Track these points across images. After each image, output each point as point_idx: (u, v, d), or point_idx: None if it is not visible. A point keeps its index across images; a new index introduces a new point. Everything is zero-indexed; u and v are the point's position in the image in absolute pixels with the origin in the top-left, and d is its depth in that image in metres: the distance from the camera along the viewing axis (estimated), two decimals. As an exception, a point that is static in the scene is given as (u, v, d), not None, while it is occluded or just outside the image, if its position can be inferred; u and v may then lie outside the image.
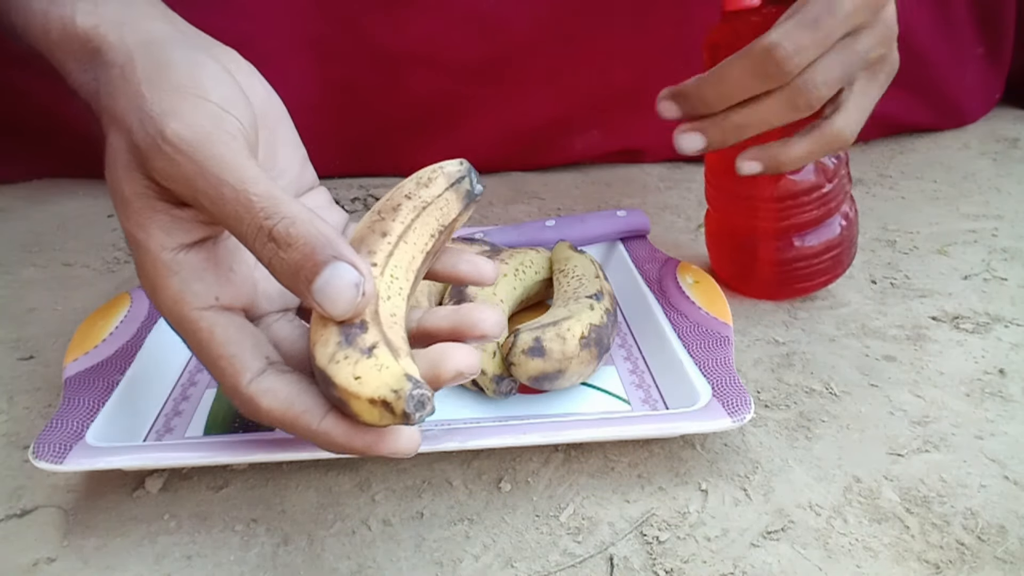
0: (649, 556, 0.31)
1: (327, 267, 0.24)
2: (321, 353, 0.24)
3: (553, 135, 0.76)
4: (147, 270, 0.27)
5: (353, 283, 0.24)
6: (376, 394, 0.23)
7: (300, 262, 0.24)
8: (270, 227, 0.24)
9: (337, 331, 0.25)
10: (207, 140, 0.25)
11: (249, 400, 0.26)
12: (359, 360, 0.24)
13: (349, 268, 0.24)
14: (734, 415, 0.34)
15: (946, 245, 0.59)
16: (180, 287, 0.26)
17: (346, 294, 0.24)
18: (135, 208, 0.26)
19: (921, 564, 0.31)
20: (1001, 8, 0.83)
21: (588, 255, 0.47)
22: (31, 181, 0.74)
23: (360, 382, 0.23)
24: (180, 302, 0.26)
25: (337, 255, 0.24)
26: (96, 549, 0.32)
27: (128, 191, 0.26)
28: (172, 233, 0.26)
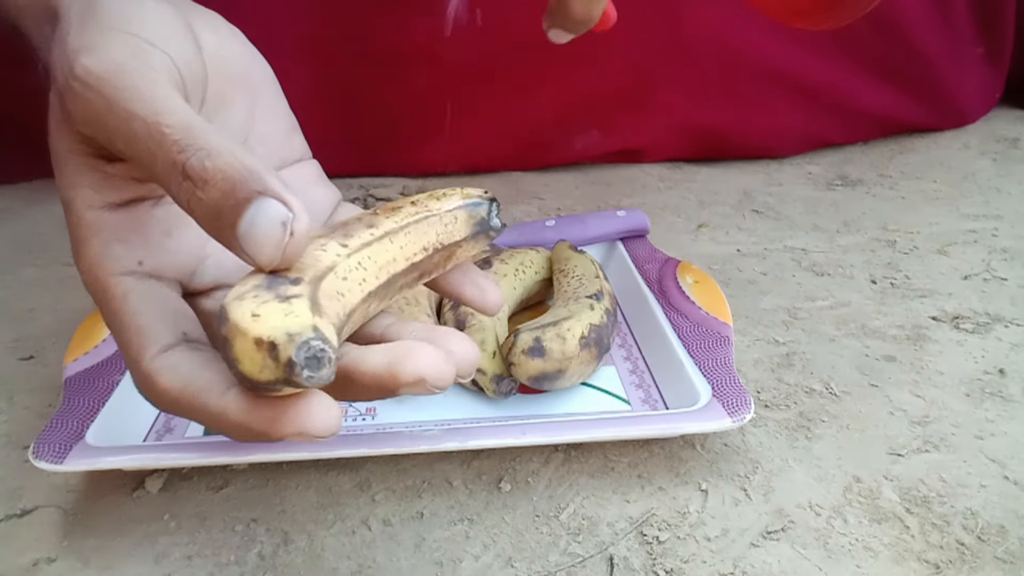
0: (649, 556, 0.31)
1: (251, 204, 0.19)
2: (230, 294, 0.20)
3: (553, 135, 0.76)
4: (71, 230, 0.24)
5: (279, 220, 0.19)
6: (265, 334, 0.18)
7: (220, 201, 0.20)
8: (183, 161, 0.20)
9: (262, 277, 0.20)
10: (118, 72, 0.22)
11: (146, 377, 0.22)
12: (268, 301, 0.19)
13: (276, 203, 0.20)
14: (734, 415, 0.34)
15: (946, 245, 0.60)
16: (100, 248, 0.24)
17: (271, 233, 0.19)
18: (67, 166, 0.24)
19: (921, 564, 0.31)
20: (1001, 8, 0.83)
21: (588, 255, 0.47)
22: (31, 181, 0.74)
23: (255, 320, 0.19)
24: (97, 264, 0.24)
25: (262, 189, 0.20)
26: (96, 549, 0.32)
27: (61, 147, 0.24)
28: (101, 191, 0.24)
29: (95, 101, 0.21)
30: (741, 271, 0.56)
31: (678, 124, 0.77)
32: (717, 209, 0.68)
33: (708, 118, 0.77)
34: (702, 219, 0.66)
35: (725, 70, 0.75)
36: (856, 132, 0.83)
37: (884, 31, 0.77)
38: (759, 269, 0.56)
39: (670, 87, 0.75)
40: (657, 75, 0.74)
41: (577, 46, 0.73)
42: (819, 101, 0.78)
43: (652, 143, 0.78)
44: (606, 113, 0.75)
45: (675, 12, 0.72)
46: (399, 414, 0.39)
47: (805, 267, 0.56)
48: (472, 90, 0.72)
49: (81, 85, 0.22)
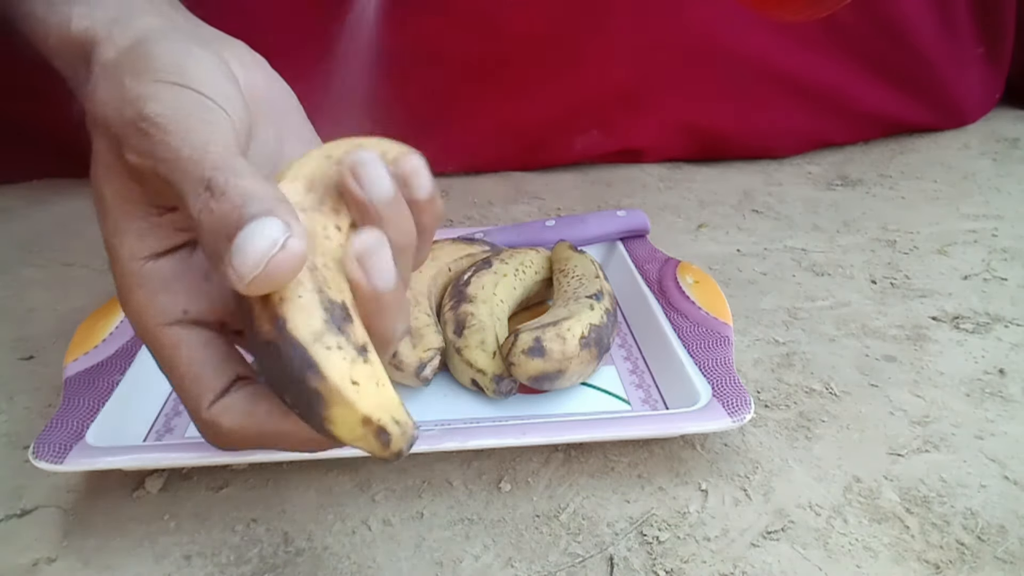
0: (649, 556, 0.31)
1: (255, 220, 0.19)
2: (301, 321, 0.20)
3: (553, 135, 0.76)
4: (117, 280, 0.25)
5: (272, 238, 0.19)
6: (374, 415, 0.20)
7: (227, 213, 0.20)
8: (210, 176, 0.21)
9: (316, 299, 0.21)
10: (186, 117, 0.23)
11: (209, 425, 0.24)
12: (355, 360, 0.20)
13: (278, 223, 0.19)
14: (734, 415, 0.34)
15: (946, 245, 0.60)
16: (145, 300, 0.24)
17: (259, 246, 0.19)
18: (112, 212, 0.25)
19: (921, 564, 0.31)
20: (1001, 8, 0.83)
21: (588, 255, 0.47)
22: (31, 181, 0.74)
23: (357, 390, 0.20)
24: (145, 316, 0.24)
25: (269, 211, 0.20)
26: (96, 549, 0.32)
27: (108, 192, 0.25)
28: (145, 239, 0.25)
29: (157, 137, 0.22)
30: (741, 271, 0.56)
31: (678, 124, 0.77)
32: (717, 209, 0.68)
33: (708, 118, 0.77)
34: (702, 219, 0.66)
35: (725, 70, 0.75)
36: (856, 132, 0.83)
37: (884, 31, 0.77)
38: (759, 269, 0.56)
39: (670, 87, 0.75)
40: (657, 75, 0.74)
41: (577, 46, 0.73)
42: (819, 101, 0.78)
43: (652, 143, 0.78)
44: (606, 113, 0.75)
45: (675, 12, 0.72)
46: (399, 414, 0.39)
47: (805, 267, 0.56)
48: (472, 90, 0.72)
49: (148, 124, 0.23)
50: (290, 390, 0.20)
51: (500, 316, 0.42)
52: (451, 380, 0.42)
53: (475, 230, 0.55)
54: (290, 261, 0.19)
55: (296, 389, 0.20)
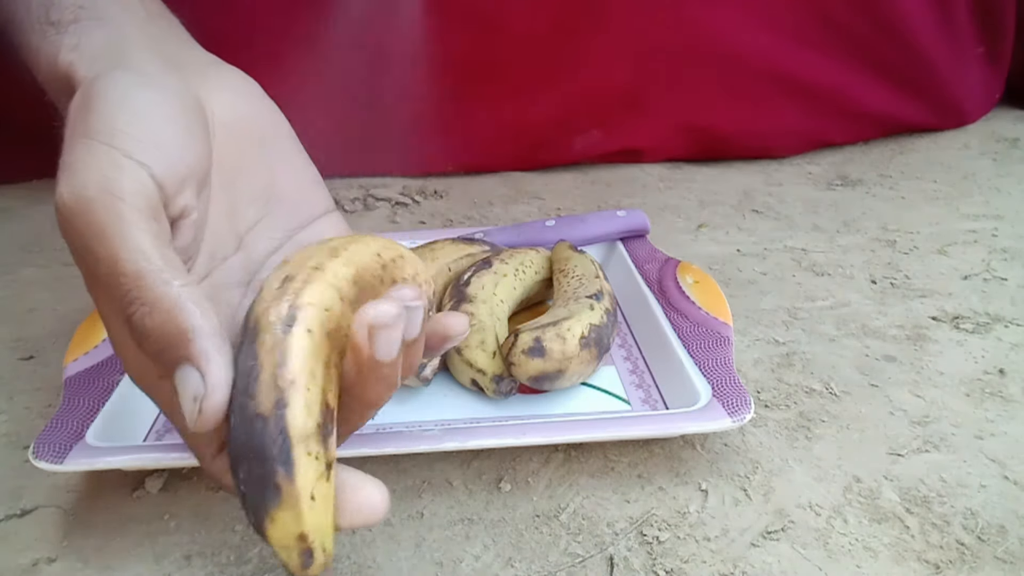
0: (649, 556, 0.31)
1: (177, 369, 0.21)
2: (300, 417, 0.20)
3: (553, 135, 0.76)
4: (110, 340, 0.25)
5: (191, 395, 0.21)
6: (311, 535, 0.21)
7: (157, 357, 0.22)
8: (129, 315, 0.22)
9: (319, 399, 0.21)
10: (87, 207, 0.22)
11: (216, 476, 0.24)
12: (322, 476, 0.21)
13: (193, 375, 0.21)
14: (734, 415, 0.34)
15: (946, 245, 0.60)
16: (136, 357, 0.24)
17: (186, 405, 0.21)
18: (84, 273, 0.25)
19: (921, 564, 0.31)
20: (1001, 8, 0.83)
21: (588, 255, 0.47)
22: (31, 181, 0.74)
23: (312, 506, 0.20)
24: (141, 373, 0.24)
25: (184, 357, 0.21)
26: (96, 549, 0.32)
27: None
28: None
29: (71, 234, 0.22)
30: (741, 271, 0.56)
31: (678, 124, 0.77)
32: (717, 209, 0.68)
33: (708, 118, 0.77)
34: (702, 219, 0.66)
35: (725, 70, 0.75)
36: (856, 132, 0.83)
37: (884, 31, 0.77)
38: (759, 269, 0.56)
39: (670, 87, 0.75)
40: (657, 75, 0.75)
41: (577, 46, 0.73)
42: (819, 101, 0.78)
43: (652, 143, 0.78)
44: (606, 113, 0.75)
45: (675, 13, 0.72)
46: (399, 414, 0.39)
47: (805, 267, 0.56)
48: (472, 90, 0.72)
49: (61, 218, 0.22)
50: (251, 469, 0.20)
51: (500, 316, 0.42)
52: (451, 380, 0.42)
53: (475, 230, 0.55)
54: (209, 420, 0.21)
55: (258, 472, 0.20)
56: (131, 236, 0.22)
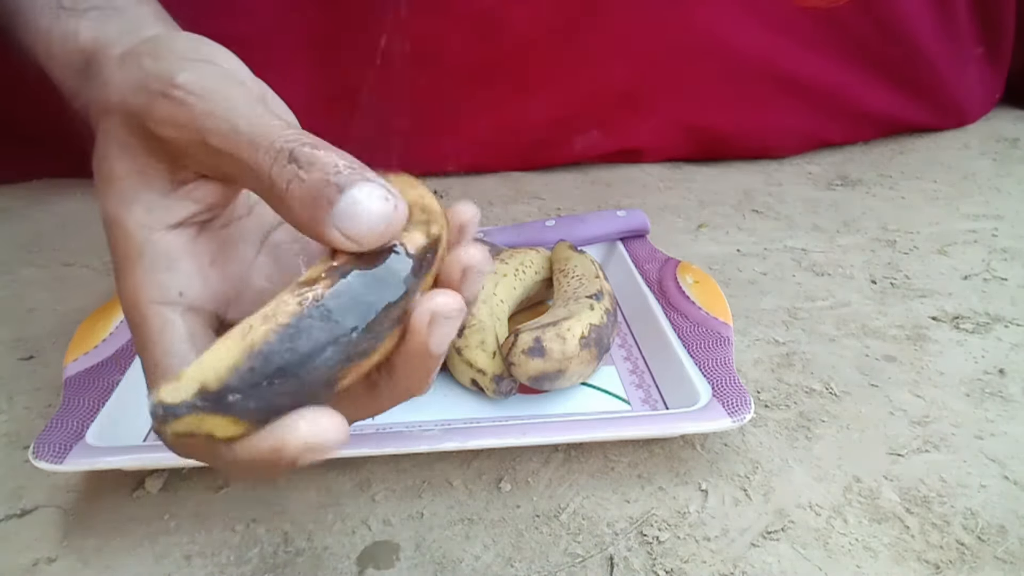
0: (649, 556, 0.31)
1: (354, 186, 0.20)
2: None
3: (553, 135, 0.76)
4: (117, 249, 0.24)
5: (383, 196, 0.20)
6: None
7: (320, 182, 0.20)
8: (292, 147, 0.21)
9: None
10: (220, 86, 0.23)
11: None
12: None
13: (378, 186, 0.21)
14: (734, 415, 0.34)
15: (946, 245, 0.60)
16: (144, 273, 0.24)
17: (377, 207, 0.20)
18: (121, 184, 0.24)
19: (921, 564, 0.31)
20: (1001, 8, 0.83)
21: (588, 255, 0.47)
22: (31, 181, 0.74)
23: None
24: (139, 290, 0.24)
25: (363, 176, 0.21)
26: (96, 549, 0.32)
27: (120, 169, 0.24)
28: (154, 211, 0.24)
29: (196, 106, 0.22)
30: (741, 271, 0.56)
31: (678, 124, 0.77)
32: (717, 209, 0.68)
33: (708, 118, 0.77)
34: (702, 219, 0.66)
35: (725, 70, 0.75)
36: (856, 132, 0.83)
37: (884, 31, 0.77)
38: (759, 269, 0.56)
39: (670, 87, 0.75)
40: (657, 75, 0.75)
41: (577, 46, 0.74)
42: (819, 101, 0.78)
43: (652, 143, 0.78)
44: (606, 113, 0.75)
45: (675, 12, 0.72)
46: (399, 414, 0.39)
47: (805, 267, 0.56)
48: (472, 90, 0.72)
49: (183, 92, 0.22)
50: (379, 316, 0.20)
51: (500, 316, 0.42)
52: (451, 380, 0.42)
53: (475, 230, 0.55)
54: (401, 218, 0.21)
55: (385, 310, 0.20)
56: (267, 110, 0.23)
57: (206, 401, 0.18)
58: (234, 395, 0.18)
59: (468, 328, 0.41)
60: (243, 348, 0.18)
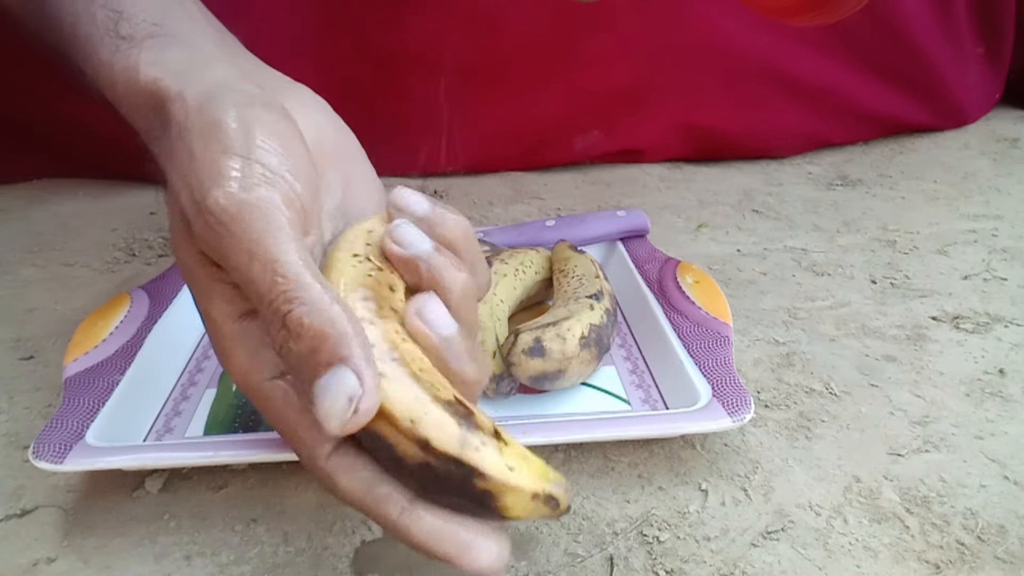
0: (649, 556, 0.31)
1: (328, 371, 0.21)
2: (443, 436, 0.22)
3: (553, 135, 0.76)
4: (215, 339, 0.26)
5: (347, 395, 0.21)
6: (539, 488, 0.22)
7: (306, 357, 0.22)
8: (285, 312, 0.22)
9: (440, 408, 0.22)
10: (246, 211, 0.23)
11: (327, 477, 0.24)
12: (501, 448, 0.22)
13: (351, 376, 0.21)
14: (734, 415, 0.34)
15: (946, 245, 0.60)
16: (248, 357, 0.25)
17: (336, 407, 0.21)
18: (196, 275, 0.25)
19: (921, 564, 0.31)
20: (1001, 8, 0.83)
21: (588, 255, 0.47)
22: (31, 181, 0.74)
23: (517, 474, 0.22)
24: (249, 372, 0.25)
25: (343, 358, 0.21)
26: (96, 549, 0.32)
27: (186, 258, 0.25)
28: (234, 302, 0.25)
29: (224, 236, 0.23)
30: (741, 271, 0.56)
31: (678, 124, 0.77)
32: (717, 209, 0.68)
33: (708, 118, 0.77)
34: (702, 219, 0.66)
35: (725, 70, 0.75)
36: (856, 132, 0.83)
37: (884, 31, 0.77)
38: (759, 269, 0.56)
39: (670, 87, 0.75)
40: (657, 75, 0.75)
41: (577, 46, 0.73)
42: (819, 101, 0.78)
43: (652, 143, 0.78)
44: (606, 113, 0.75)
45: (675, 12, 0.72)
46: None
47: (805, 267, 0.56)
48: (472, 90, 0.72)
49: (213, 219, 0.23)
50: (456, 496, 0.22)
51: (500, 316, 0.42)
52: (451, 380, 0.42)
53: (475, 230, 0.55)
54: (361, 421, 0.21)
55: (463, 495, 0.22)
56: (290, 242, 0.23)
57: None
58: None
59: (468, 328, 0.41)
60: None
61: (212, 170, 0.24)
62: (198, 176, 0.24)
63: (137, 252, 0.60)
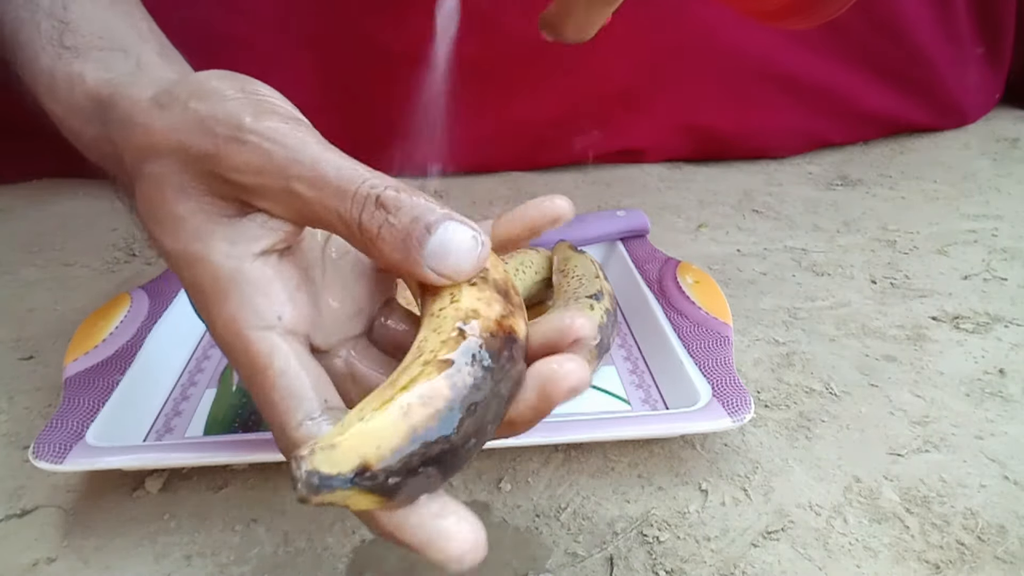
0: (649, 556, 0.31)
1: (441, 226, 0.22)
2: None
3: (553, 135, 0.76)
4: (203, 283, 0.24)
5: (470, 234, 0.22)
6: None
7: (410, 225, 0.22)
8: (378, 193, 0.22)
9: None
10: (295, 128, 0.23)
11: (294, 446, 0.23)
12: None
13: (463, 225, 0.22)
14: (734, 415, 0.34)
15: (946, 245, 0.60)
16: (240, 301, 0.23)
17: (465, 246, 0.22)
18: (194, 223, 0.24)
19: (921, 564, 0.31)
20: (1001, 8, 0.83)
21: (588, 255, 0.47)
22: (31, 181, 0.74)
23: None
24: (237, 319, 0.23)
25: (449, 216, 0.22)
26: (96, 549, 0.32)
27: (183, 210, 0.24)
28: (236, 242, 0.24)
29: (276, 151, 0.23)
30: (741, 271, 0.56)
31: (678, 124, 0.77)
32: (717, 209, 0.68)
33: (708, 118, 0.77)
34: (702, 219, 0.66)
35: (725, 70, 0.75)
36: (856, 132, 0.83)
37: (884, 31, 0.77)
38: (759, 269, 0.56)
39: (670, 87, 0.75)
40: (657, 75, 0.75)
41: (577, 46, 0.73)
42: (819, 101, 0.78)
43: (652, 143, 0.78)
44: (606, 113, 0.75)
45: (675, 12, 0.72)
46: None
47: (805, 267, 0.56)
48: (472, 90, 0.72)
49: (259, 137, 0.23)
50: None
51: (500, 316, 0.42)
52: (451, 380, 0.42)
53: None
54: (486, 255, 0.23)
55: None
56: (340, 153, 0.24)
57: (363, 480, 0.18)
58: (392, 478, 0.18)
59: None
60: (406, 431, 0.18)
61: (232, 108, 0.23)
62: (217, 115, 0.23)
63: (137, 252, 0.60)
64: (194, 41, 0.34)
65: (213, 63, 0.29)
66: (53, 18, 0.29)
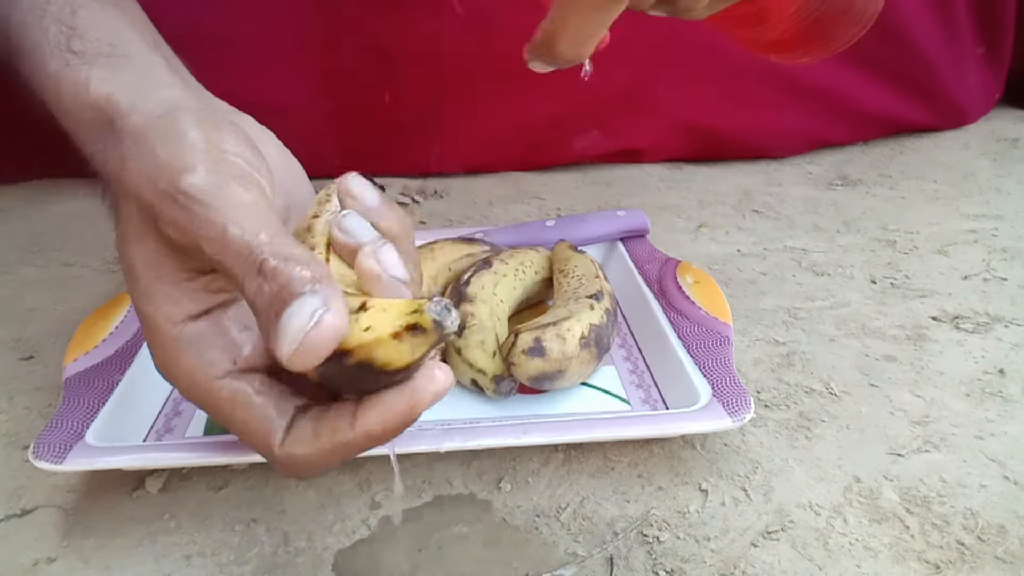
0: (649, 556, 0.31)
1: (298, 298, 0.21)
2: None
3: (553, 135, 0.76)
4: (157, 345, 0.25)
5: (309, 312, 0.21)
6: (396, 325, 0.21)
7: (276, 293, 0.21)
8: (261, 260, 0.22)
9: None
10: (224, 188, 0.23)
11: (285, 461, 0.25)
12: (357, 318, 0.22)
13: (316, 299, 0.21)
14: (734, 415, 0.34)
15: (946, 245, 0.60)
16: (194, 359, 0.25)
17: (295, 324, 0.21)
18: (142, 279, 0.25)
19: (921, 564, 0.31)
20: (1001, 8, 0.83)
21: (588, 255, 0.47)
22: (31, 181, 0.74)
23: (372, 329, 0.21)
24: (196, 373, 0.25)
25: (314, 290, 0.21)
26: (96, 549, 0.32)
27: (137, 260, 0.25)
28: (179, 303, 0.25)
29: (198, 212, 0.23)
30: (741, 271, 0.56)
31: (678, 124, 0.77)
32: (717, 209, 0.68)
33: (708, 118, 0.77)
34: (702, 219, 0.66)
35: (725, 70, 0.75)
36: (856, 132, 0.83)
37: (884, 31, 0.76)
38: (759, 269, 0.56)
39: (670, 87, 0.75)
40: (657, 75, 0.74)
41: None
42: (819, 101, 0.78)
43: (652, 143, 0.78)
44: (606, 113, 0.75)
45: (675, 12, 0.72)
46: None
47: (805, 267, 0.56)
48: (472, 90, 0.72)
49: (186, 198, 0.23)
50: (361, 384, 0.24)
51: (500, 316, 0.42)
52: (451, 380, 0.42)
53: (475, 230, 0.55)
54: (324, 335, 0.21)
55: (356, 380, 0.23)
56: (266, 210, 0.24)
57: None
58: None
59: (468, 328, 0.41)
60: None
61: (182, 163, 0.24)
62: (168, 167, 0.24)
63: (137, 252, 0.60)
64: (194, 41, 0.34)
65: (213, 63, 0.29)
66: (61, 23, 0.29)
